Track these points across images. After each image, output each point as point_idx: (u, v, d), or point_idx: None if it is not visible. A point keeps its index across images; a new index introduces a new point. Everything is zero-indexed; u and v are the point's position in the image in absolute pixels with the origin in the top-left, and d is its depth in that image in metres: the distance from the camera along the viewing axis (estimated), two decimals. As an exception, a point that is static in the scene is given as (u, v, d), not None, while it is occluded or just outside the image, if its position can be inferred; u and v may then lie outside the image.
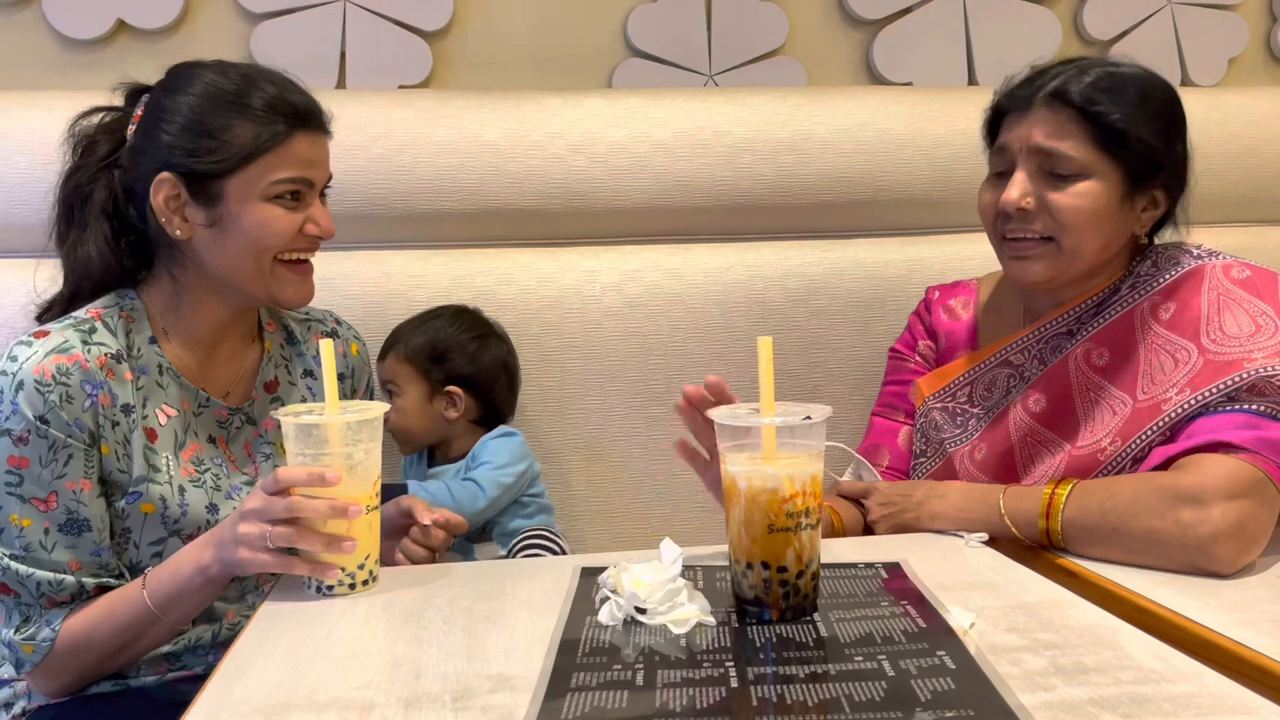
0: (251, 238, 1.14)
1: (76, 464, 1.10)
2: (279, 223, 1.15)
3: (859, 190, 1.72)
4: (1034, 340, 1.29)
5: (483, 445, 1.47)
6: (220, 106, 1.13)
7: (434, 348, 1.47)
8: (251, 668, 0.87)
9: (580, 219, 1.67)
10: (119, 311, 1.17)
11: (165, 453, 1.16)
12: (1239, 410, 1.10)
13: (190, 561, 1.07)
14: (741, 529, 0.92)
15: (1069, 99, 1.19)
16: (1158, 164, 1.20)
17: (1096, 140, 1.18)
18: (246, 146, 1.12)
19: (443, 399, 1.47)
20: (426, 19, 1.86)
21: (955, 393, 1.34)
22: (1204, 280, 1.21)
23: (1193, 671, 0.79)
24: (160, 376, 1.17)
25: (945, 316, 1.41)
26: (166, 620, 1.09)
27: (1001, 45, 2.03)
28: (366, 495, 1.03)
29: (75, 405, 1.09)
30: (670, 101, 1.71)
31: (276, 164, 1.14)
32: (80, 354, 1.10)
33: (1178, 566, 1.05)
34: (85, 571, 1.11)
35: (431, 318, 1.51)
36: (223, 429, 1.23)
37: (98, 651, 1.11)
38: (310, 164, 1.17)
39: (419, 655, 0.87)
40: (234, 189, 1.13)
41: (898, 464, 1.40)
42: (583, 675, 0.81)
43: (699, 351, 1.64)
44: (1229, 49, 2.13)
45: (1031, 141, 1.21)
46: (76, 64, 1.80)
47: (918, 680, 0.77)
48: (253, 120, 1.13)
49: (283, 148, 1.14)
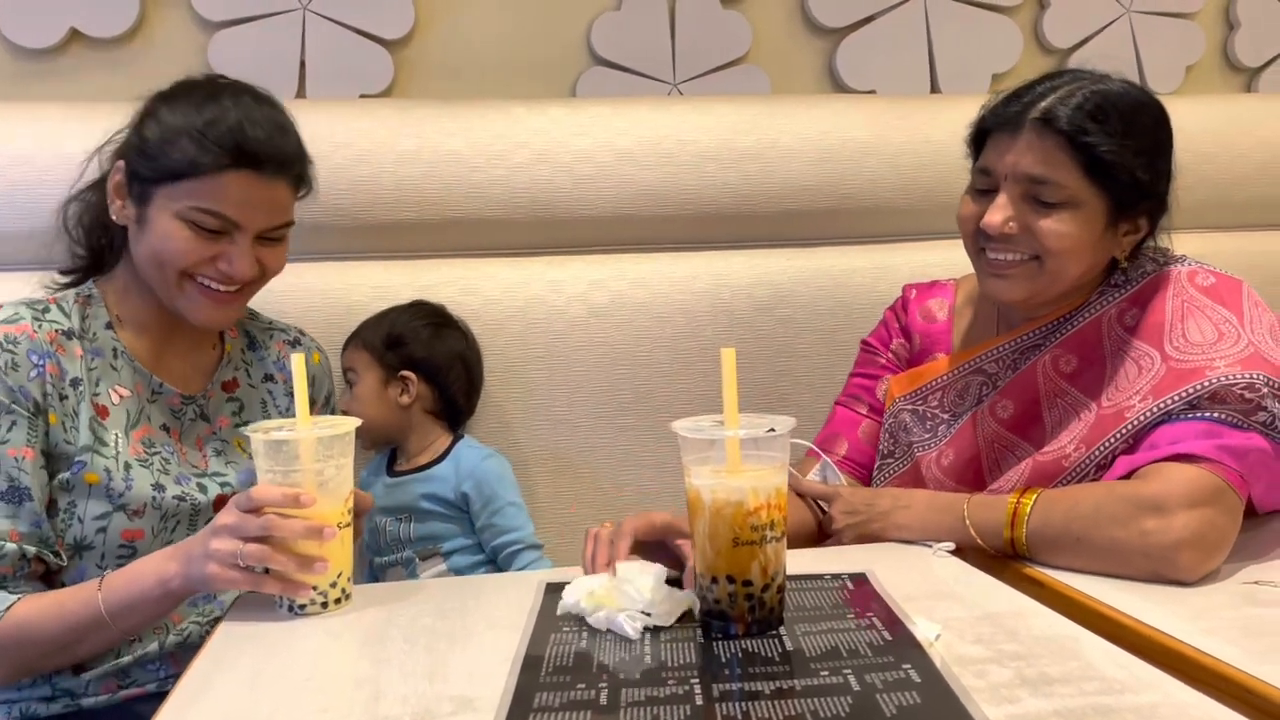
0: (155, 247, 1.15)
1: (19, 431, 1.10)
2: (181, 244, 1.14)
3: (824, 198, 1.72)
4: (1009, 350, 1.29)
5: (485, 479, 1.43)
6: (176, 120, 1.15)
7: (389, 333, 1.47)
8: (209, 690, 0.85)
9: (545, 228, 1.66)
10: (74, 297, 1.20)
11: (115, 430, 1.17)
12: (1201, 418, 1.10)
13: (152, 572, 1.05)
14: (706, 542, 0.91)
15: (1058, 125, 1.16)
16: (1144, 193, 1.19)
17: (1084, 170, 1.16)
18: (180, 163, 1.13)
19: (397, 385, 1.46)
20: (387, 27, 1.85)
21: (926, 396, 1.34)
22: (1169, 287, 1.21)
23: (1156, 681, 0.79)
24: (114, 360, 1.20)
25: (920, 318, 1.41)
26: (115, 628, 1.06)
27: (963, 53, 2.04)
28: (338, 512, 1.02)
29: (20, 373, 1.11)
30: (634, 110, 1.71)
31: (199, 191, 1.13)
32: (29, 325, 1.14)
33: (1141, 575, 1.05)
34: (25, 542, 1.09)
35: (392, 309, 1.51)
36: (176, 419, 1.24)
37: (38, 645, 1.08)
38: (239, 204, 1.14)
39: (379, 676, 0.86)
40: (159, 197, 1.15)
41: (855, 455, 1.39)
42: (545, 695, 0.80)
43: (665, 361, 1.64)
44: (1186, 57, 2.16)
45: (1019, 169, 1.18)
46: (29, 73, 1.77)
47: (883, 695, 0.77)
48: (195, 141, 1.13)
49: (212, 179, 1.13)
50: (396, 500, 1.44)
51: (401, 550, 1.43)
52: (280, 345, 1.35)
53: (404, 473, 1.47)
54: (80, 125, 1.53)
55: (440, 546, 1.44)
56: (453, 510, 1.44)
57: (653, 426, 1.62)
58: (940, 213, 1.51)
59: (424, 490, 1.44)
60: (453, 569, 1.43)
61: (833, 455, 1.38)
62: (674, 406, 1.61)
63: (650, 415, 1.62)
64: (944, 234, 1.59)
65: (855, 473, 1.39)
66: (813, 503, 1.32)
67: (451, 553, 1.44)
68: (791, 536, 1.25)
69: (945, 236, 1.56)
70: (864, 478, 1.39)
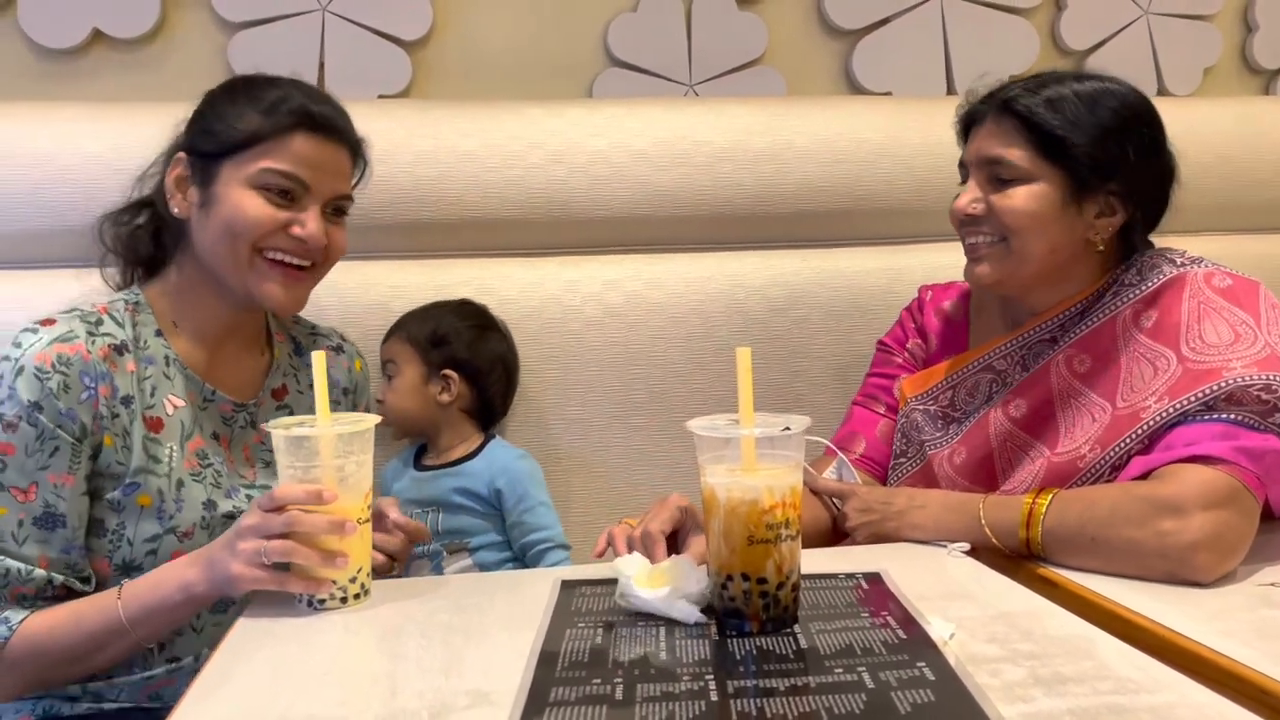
0: (227, 220, 1.15)
1: (62, 457, 1.10)
2: (255, 211, 1.15)
3: (839, 199, 1.72)
4: (1017, 346, 1.29)
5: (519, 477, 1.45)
6: (237, 95, 1.19)
7: (435, 331, 1.48)
8: (228, 683, 0.86)
9: (560, 229, 1.66)
10: (124, 305, 1.20)
11: (170, 443, 1.17)
12: (1217, 419, 1.10)
13: (173, 579, 1.06)
14: (721, 540, 0.91)
15: (1013, 107, 1.22)
16: (1104, 172, 1.21)
17: (1037, 147, 1.21)
18: (246, 131, 1.15)
19: (438, 383, 1.48)
20: (406, 28, 1.86)
21: (937, 396, 1.35)
22: (1185, 288, 1.21)
23: (1171, 682, 0.79)
24: (167, 368, 1.19)
25: (936, 318, 1.42)
26: (134, 635, 1.07)
27: (980, 55, 2.04)
28: (358, 508, 1.03)
29: (71, 395, 1.10)
30: (650, 111, 1.71)
31: (269, 154, 1.15)
32: (83, 344, 1.12)
33: (1157, 576, 1.05)
34: (53, 568, 1.10)
35: (438, 306, 1.52)
36: (227, 426, 1.24)
37: (54, 657, 1.08)
38: (308, 164, 1.16)
39: (396, 671, 0.86)
40: (227, 171, 1.16)
41: (872, 454, 1.40)
42: (562, 690, 0.80)
43: (680, 361, 1.64)
44: (1204, 59, 2.16)
45: (980, 153, 1.25)
46: (51, 73, 1.79)
47: (898, 692, 0.77)
48: (259, 111, 1.16)
49: (280, 140, 1.15)
50: (426, 493, 1.45)
51: (428, 543, 1.44)
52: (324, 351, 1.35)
53: (434, 466, 1.48)
54: (101, 125, 1.55)
55: (468, 542, 1.45)
56: (484, 506, 1.45)
57: (667, 426, 1.62)
58: (956, 214, 1.51)
59: (456, 484, 1.45)
60: (479, 564, 1.44)
61: (850, 454, 1.38)
62: (688, 407, 1.61)
63: (664, 415, 1.62)
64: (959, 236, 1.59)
65: (873, 471, 1.40)
66: (828, 501, 1.32)
67: (479, 548, 1.45)
68: (806, 535, 1.27)
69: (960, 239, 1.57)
70: (881, 477, 1.40)
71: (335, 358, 1.37)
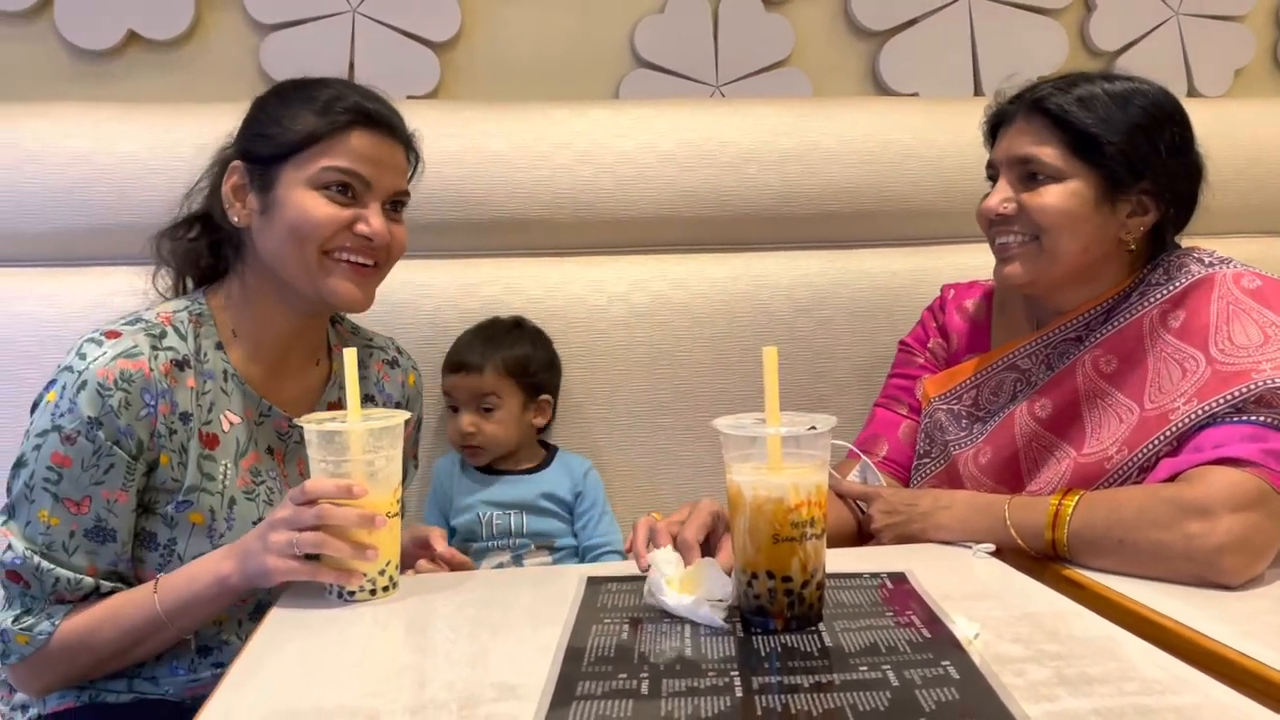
0: (292, 224, 1.14)
1: (117, 474, 1.10)
2: (319, 211, 1.14)
3: (865, 200, 1.72)
4: (1041, 345, 1.29)
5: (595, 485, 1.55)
6: (289, 97, 1.18)
7: (529, 360, 1.53)
8: (260, 672, 0.87)
9: (586, 229, 1.67)
10: (188, 316, 1.18)
11: (225, 460, 1.17)
12: (1246, 421, 1.09)
13: (208, 572, 1.08)
14: (746, 538, 0.92)
15: (1044, 107, 1.22)
16: (1137, 171, 1.21)
17: (1070, 146, 1.21)
18: (303, 132, 1.15)
19: (534, 408, 1.53)
20: (434, 30, 1.88)
21: (961, 395, 1.35)
22: (1214, 289, 1.20)
23: (1197, 683, 0.79)
24: (225, 383, 1.18)
25: (958, 317, 1.42)
26: (173, 628, 1.09)
27: (1008, 56, 2.03)
28: (388, 502, 1.04)
29: (132, 411, 1.09)
30: (677, 112, 1.72)
31: (328, 152, 1.15)
32: (146, 361, 1.11)
33: (1184, 578, 1.05)
34: (101, 578, 1.11)
35: (504, 331, 1.55)
36: (281, 441, 1.23)
37: (94, 653, 1.10)
38: (368, 160, 1.16)
39: (425, 663, 0.88)
40: (287, 174, 1.15)
41: (896, 455, 1.40)
42: (588, 684, 0.81)
43: (705, 361, 1.65)
44: (1235, 60, 2.14)
45: (1011, 152, 1.25)
46: (87, 75, 1.81)
47: (922, 690, 0.77)
48: (314, 111, 1.15)
49: (338, 138, 1.15)
50: (509, 496, 1.51)
51: (508, 538, 1.49)
52: (379, 365, 1.35)
53: (510, 472, 1.53)
54: (136, 125, 1.58)
55: (554, 541, 1.51)
56: (564, 509, 1.52)
57: (691, 426, 1.63)
58: (982, 216, 1.51)
59: (541, 490, 1.51)
60: (557, 563, 1.50)
61: (873, 456, 1.39)
62: (713, 407, 1.61)
63: (689, 415, 1.63)
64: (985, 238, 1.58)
65: (896, 473, 1.40)
66: (853, 503, 1.32)
67: (560, 549, 1.51)
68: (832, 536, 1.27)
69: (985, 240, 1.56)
70: (904, 478, 1.40)
71: (390, 371, 1.36)
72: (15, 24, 1.79)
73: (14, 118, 1.59)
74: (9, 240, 1.55)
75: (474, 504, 1.50)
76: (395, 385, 1.36)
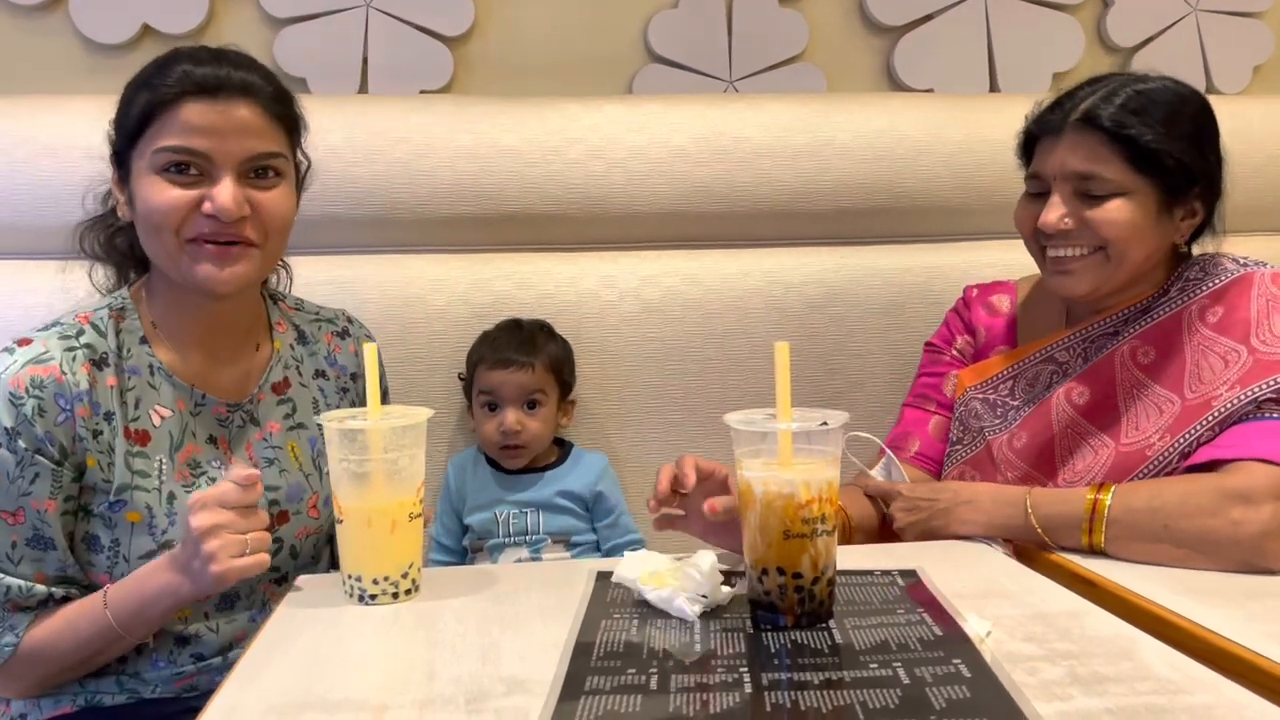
0: (143, 215, 1.10)
1: (43, 483, 1.07)
2: (160, 197, 1.07)
3: (878, 197, 1.71)
4: (1079, 339, 1.31)
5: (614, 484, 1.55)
6: (136, 82, 1.12)
7: (564, 359, 1.54)
8: (267, 668, 0.87)
9: (599, 224, 1.67)
10: (108, 312, 1.15)
11: (159, 455, 1.14)
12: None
13: (158, 586, 1.06)
14: (757, 534, 0.92)
15: (1099, 123, 1.21)
16: (1192, 177, 1.22)
17: (1130, 161, 1.20)
18: (138, 117, 1.09)
19: (563, 409, 1.55)
20: (448, 24, 1.88)
21: (997, 385, 1.36)
22: (1252, 286, 1.24)
23: (1210, 682, 0.78)
24: (152, 377, 1.15)
25: (985, 312, 1.43)
26: (130, 637, 1.09)
27: (1023, 52, 2.02)
28: (410, 501, 1.02)
29: (48, 418, 1.07)
30: (690, 107, 1.71)
31: (161, 132, 1.08)
32: (58, 365, 1.08)
33: (1229, 565, 1.07)
34: (51, 584, 1.10)
35: (538, 330, 1.55)
36: (223, 427, 1.19)
37: (58, 662, 1.10)
38: (201, 132, 1.07)
39: (433, 657, 0.88)
40: (135, 163, 1.10)
41: (927, 451, 1.41)
42: (597, 679, 0.81)
43: (716, 357, 1.64)
44: (1254, 56, 2.12)
45: (1066, 168, 1.23)
46: (102, 68, 1.82)
47: (933, 688, 0.77)
48: (149, 90, 1.09)
49: (168, 115, 1.07)
50: (526, 495, 1.50)
51: (527, 535, 1.49)
52: (329, 337, 1.31)
53: (528, 470, 1.52)
54: (151, 118, 1.58)
55: (571, 538, 1.50)
56: (582, 506, 1.51)
57: (702, 422, 1.62)
58: (997, 213, 1.50)
59: (559, 488, 1.51)
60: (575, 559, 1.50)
61: (905, 453, 1.40)
62: (724, 403, 1.60)
63: (700, 411, 1.63)
64: (1000, 234, 1.57)
65: (928, 468, 1.41)
66: (877, 500, 1.33)
67: (578, 545, 1.51)
68: (859, 532, 1.28)
69: (1001, 236, 1.55)
70: (936, 473, 1.41)
71: (340, 342, 1.31)
72: (31, 18, 1.80)
73: (30, 111, 1.59)
74: (26, 233, 1.56)
75: (490, 502, 1.49)
76: (348, 356, 1.32)
